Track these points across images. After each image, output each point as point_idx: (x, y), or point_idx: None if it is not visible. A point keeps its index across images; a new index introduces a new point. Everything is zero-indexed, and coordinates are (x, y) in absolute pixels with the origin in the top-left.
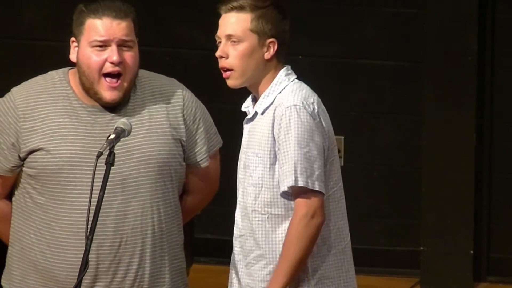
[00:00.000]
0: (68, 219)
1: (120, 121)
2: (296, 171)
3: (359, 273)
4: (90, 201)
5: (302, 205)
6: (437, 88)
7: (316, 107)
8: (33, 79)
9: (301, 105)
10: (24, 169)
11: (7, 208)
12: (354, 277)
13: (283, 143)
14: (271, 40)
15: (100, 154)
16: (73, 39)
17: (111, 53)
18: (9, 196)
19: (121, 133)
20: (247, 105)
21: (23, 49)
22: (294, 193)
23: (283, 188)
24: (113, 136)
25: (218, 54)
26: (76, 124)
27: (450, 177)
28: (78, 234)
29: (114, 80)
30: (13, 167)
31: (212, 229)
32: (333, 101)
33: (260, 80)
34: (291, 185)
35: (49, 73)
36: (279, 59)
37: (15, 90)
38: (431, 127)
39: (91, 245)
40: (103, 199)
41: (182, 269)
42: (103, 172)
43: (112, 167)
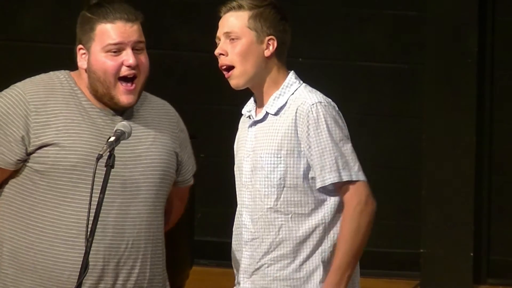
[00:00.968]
0: (76, 217)
1: (120, 124)
2: (338, 166)
3: (360, 275)
4: (90, 203)
5: (353, 196)
6: (437, 90)
7: (335, 105)
8: (37, 76)
9: (325, 102)
10: (29, 164)
11: None
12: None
13: (315, 140)
14: (270, 37)
15: (100, 157)
16: (80, 46)
17: (127, 56)
18: None
19: (121, 136)
20: (249, 109)
21: (22, 51)
22: (339, 188)
23: (322, 183)
24: (113, 139)
25: (217, 52)
26: (89, 123)
27: (450, 179)
28: (84, 234)
29: (129, 84)
30: (19, 160)
31: (212, 231)
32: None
33: (263, 80)
34: (335, 181)
35: (50, 73)
36: (280, 59)
37: (22, 85)
38: (431, 129)
39: (97, 246)
40: (111, 201)
41: (166, 280)
42: (108, 175)
43: (123, 169)
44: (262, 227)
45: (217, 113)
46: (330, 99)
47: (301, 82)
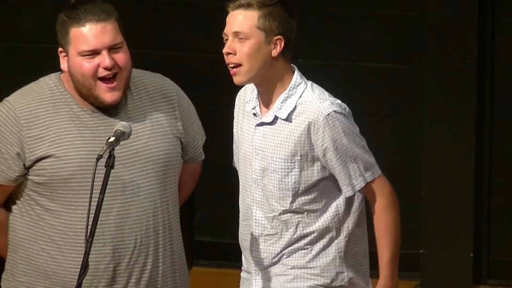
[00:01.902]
0: (83, 223)
1: (120, 124)
2: (361, 170)
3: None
4: (90, 203)
5: (381, 189)
6: (437, 91)
7: (346, 106)
8: (27, 86)
9: (337, 108)
10: (30, 177)
11: (2, 217)
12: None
13: (334, 151)
14: (278, 37)
15: (100, 157)
16: (60, 49)
17: (103, 58)
18: (4, 205)
19: (120, 136)
20: (253, 105)
21: (22, 51)
22: (366, 188)
23: (353, 191)
24: (113, 139)
25: (225, 50)
26: (81, 128)
27: (450, 180)
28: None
29: (110, 82)
30: (18, 176)
31: (212, 232)
32: None
33: (269, 79)
34: (363, 185)
35: (41, 79)
36: (285, 57)
37: (12, 99)
38: (431, 130)
39: (105, 248)
40: (113, 201)
41: (186, 267)
42: (108, 175)
43: (122, 169)
44: (279, 225)
45: (216, 114)
46: (339, 100)
47: (306, 81)
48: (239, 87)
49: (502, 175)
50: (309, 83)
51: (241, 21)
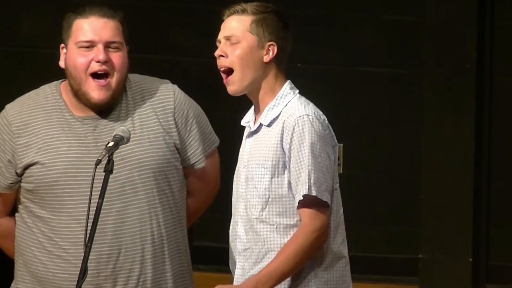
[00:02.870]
0: (67, 230)
1: (119, 129)
2: (310, 179)
3: (358, 280)
4: (89, 208)
5: (316, 218)
6: (436, 95)
7: (325, 119)
8: (27, 94)
9: (313, 115)
10: (22, 184)
11: (10, 224)
12: None
13: (296, 152)
14: (270, 43)
15: (98, 162)
16: (62, 45)
17: (97, 52)
18: (12, 212)
19: (120, 141)
20: (247, 120)
21: (22, 57)
22: (305, 202)
23: (298, 197)
24: (111, 144)
25: (217, 53)
26: (70, 135)
27: (449, 184)
28: (78, 244)
29: (101, 80)
30: (11, 183)
31: (211, 236)
32: (331, 108)
33: (259, 86)
34: (305, 193)
35: (41, 87)
36: (279, 66)
37: (8, 107)
38: (430, 134)
39: (91, 252)
40: (103, 209)
41: (186, 275)
42: (101, 180)
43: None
44: (252, 238)
45: (216, 119)
46: (321, 113)
47: (296, 92)
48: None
49: (501, 179)
50: (299, 95)
51: (234, 26)
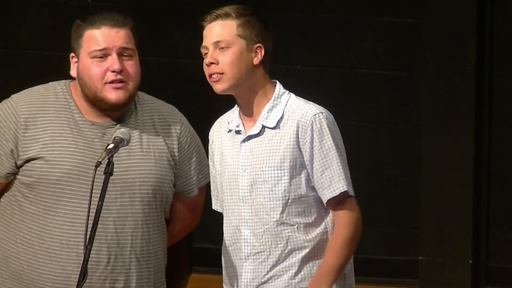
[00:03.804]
0: (59, 230)
1: (119, 131)
2: (345, 176)
3: (358, 282)
4: (89, 210)
5: (352, 210)
6: (435, 97)
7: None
8: (34, 88)
9: (326, 112)
10: (18, 176)
11: None
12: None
13: (319, 150)
14: (258, 45)
15: (98, 164)
16: (72, 54)
17: (112, 62)
18: None
19: (119, 143)
20: (236, 123)
21: (22, 59)
22: (337, 198)
23: (334, 193)
24: (111, 146)
25: (208, 61)
26: (77, 137)
27: (448, 186)
28: (68, 246)
29: (117, 83)
30: (8, 173)
31: (211, 238)
32: (331, 110)
33: (251, 90)
34: (344, 190)
35: (50, 83)
36: (265, 68)
37: (16, 97)
38: (430, 136)
39: (79, 257)
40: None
41: None
42: (101, 183)
43: (110, 186)
44: (269, 240)
45: (215, 121)
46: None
47: (288, 92)
48: None
49: (501, 181)
50: (292, 94)
51: (220, 30)
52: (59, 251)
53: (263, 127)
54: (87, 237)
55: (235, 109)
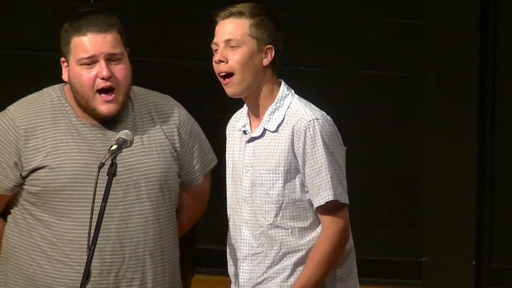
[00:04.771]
0: (71, 235)
1: (122, 132)
2: (332, 185)
3: (361, 284)
4: (92, 211)
5: (337, 221)
6: (439, 98)
7: (331, 120)
8: (29, 96)
9: (322, 118)
10: (25, 187)
11: (1, 226)
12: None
13: (311, 157)
14: (268, 46)
15: (102, 165)
16: (63, 59)
17: (100, 68)
18: (3, 214)
19: (123, 144)
20: (243, 123)
21: (24, 59)
22: (325, 206)
23: (320, 202)
24: (115, 147)
25: (217, 58)
26: (79, 141)
27: (452, 187)
28: (81, 250)
29: (108, 95)
30: (15, 185)
31: (214, 239)
32: (334, 111)
33: (259, 90)
34: (330, 199)
35: (44, 90)
36: (273, 69)
37: (12, 109)
38: (433, 137)
39: (94, 259)
40: (106, 216)
41: (180, 285)
42: (105, 184)
43: (115, 184)
44: (265, 242)
45: (218, 122)
46: (326, 113)
47: (293, 92)
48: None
49: (504, 182)
50: (296, 95)
51: (232, 29)
52: (73, 255)
53: (264, 130)
54: (90, 239)
55: (245, 107)
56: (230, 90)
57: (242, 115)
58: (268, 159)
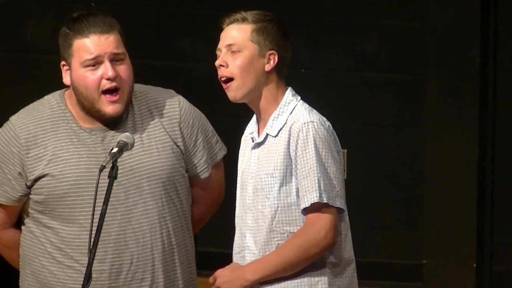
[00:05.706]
0: (79, 240)
1: (123, 135)
2: (320, 187)
3: (362, 286)
4: (93, 215)
5: (321, 220)
6: (439, 100)
7: (330, 125)
8: (31, 105)
9: (318, 121)
10: (31, 196)
11: (16, 235)
12: None
13: (302, 159)
14: (271, 52)
15: (103, 168)
16: (63, 63)
17: (105, 69)
18: (18, 223)
19: (124, 146)
20: (251, 130)
21: (26, 62)
22: (313, 208)
23: (306, 204)
24: (116, 150)
25: (218, 63)
26: (79, 146)
27: (452, 189)
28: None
29: (113, 95)
30: (21, 196)
31: (215, 242)
32: (335, 113)
33: (261, 95)
34: (315, 201)
35: (45, 97)
36: (279, 75)
37: (14, 119)
38: (434, 140)
39: (102, 263)
40: (109, 219)
41: (195, 281)
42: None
43: (117, 186)
44: (263, 248)
45: (220, 124)
46: (325, 119)
47: (299, 99)
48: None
49: (505, 184)
50: (301, 101)
51: (234, 34)
52: (81, 260)
53: (267, 135)
54: (91, 242)
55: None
56: (231, 94)
57: (252, 122)
58: (268, 163)
